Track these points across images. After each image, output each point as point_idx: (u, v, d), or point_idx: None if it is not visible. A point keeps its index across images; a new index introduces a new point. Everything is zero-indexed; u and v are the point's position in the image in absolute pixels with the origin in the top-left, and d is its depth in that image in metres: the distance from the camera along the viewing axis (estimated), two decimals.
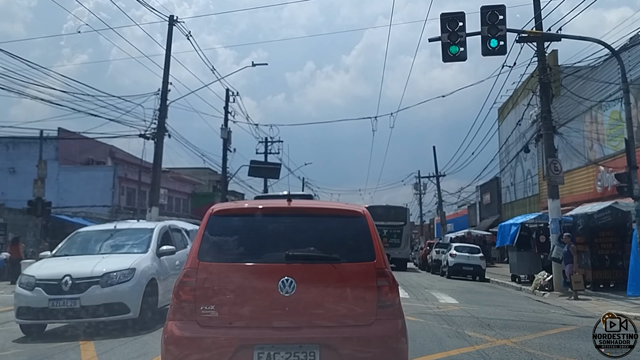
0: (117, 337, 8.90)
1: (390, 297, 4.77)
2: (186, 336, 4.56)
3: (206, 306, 4.59)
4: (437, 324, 10.31)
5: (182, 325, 4.61)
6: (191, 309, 4.63)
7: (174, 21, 25.31)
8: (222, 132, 33.39)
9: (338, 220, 5.25)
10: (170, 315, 4.74)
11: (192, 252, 4.92)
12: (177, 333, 4.59)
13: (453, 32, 14.36)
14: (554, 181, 19.42)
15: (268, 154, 41.58)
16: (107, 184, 36.18)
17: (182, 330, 4.58)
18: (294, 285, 4.61)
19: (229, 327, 4.60)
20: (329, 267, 4.83)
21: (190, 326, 4.59)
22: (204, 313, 4.58)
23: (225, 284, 4.73)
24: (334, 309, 4.74)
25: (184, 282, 4.75)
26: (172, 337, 4.60)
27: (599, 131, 24.40)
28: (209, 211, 5.22)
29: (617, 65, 20.46)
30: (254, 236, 5.06)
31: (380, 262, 4.88)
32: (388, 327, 4.69)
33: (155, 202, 24.20)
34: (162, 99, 24.30)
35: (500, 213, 42.65)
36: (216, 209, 5.26)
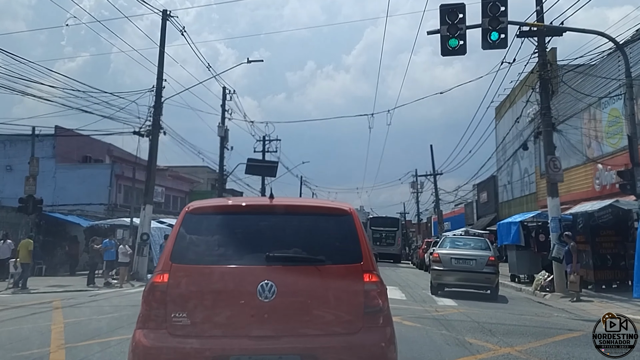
0: None
1: (378, 302, 4.44)
2: (155, 346, 4.21)
3: (178, 313, 4.24)
4: (435, 329, 9.88)
5: (151, 333, 4.26)
6: (161, 316, 4.27)
7: (168, 16, 24.91)
8: (219, 130, 33.11)
9: (323, 219, 4.87)
10: (138, 322, 4.38)
11: (164, 254, 4.56)
12: (145, 342, 4.23)
13: (452, 25, 13.97)
14: (553, 179, 19.07)
15: (266, 152, 41.26)
16: (104, 182, 35.79)
17: (151, 340, 4.23)
18: (274, 290, 4.27)
19: (202, 336, 4.26)
20: (312, 270, 4.46)
21: (160, 335, 4.23)
22: (175, 321, 4.23)
23: (199, 289, 4.38)
24: (318, 315, 4.38)
25: (154, 286, 4.38)
26: (140, 346, 4.24)
27: (597, 129, 24.08)
28: (185, 209, 4.86)
29: (617, 63, 20.24)
30: (232, 236, 4.68)
31: (367, 264, 4.53)
32: (376, 335, 4.37)
33: (149, 200, 23.81)
34: (156, 96, 23.95)
35: (497, 212, 42.42)
36: (192, 206, 4.88)
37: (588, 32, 17.58)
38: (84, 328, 10.21)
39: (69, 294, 17.94)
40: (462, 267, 16.62)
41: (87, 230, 29.03)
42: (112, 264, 22.79)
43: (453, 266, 16.68)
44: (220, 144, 32.59)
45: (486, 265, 16.42)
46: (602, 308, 14.52)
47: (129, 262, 22.14)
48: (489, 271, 16.38)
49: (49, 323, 10.75)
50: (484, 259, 16.57)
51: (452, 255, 16.96)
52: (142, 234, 22.83)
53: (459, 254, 17.06)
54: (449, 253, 17.25)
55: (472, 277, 16.54)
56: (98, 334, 9.34)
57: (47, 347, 8.27)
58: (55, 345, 8.40)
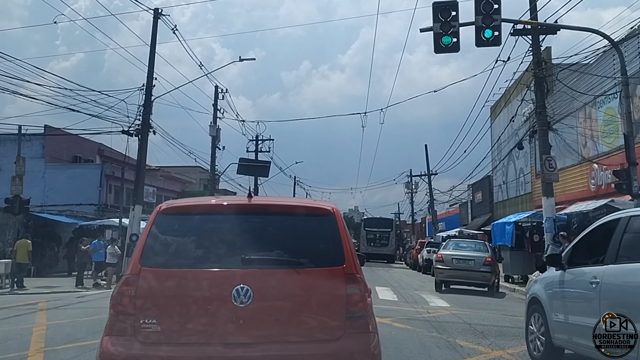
0: None
1: (361, 307, 4.18)
2: (122, 354, 3.96)
3: (148, 319, 3.99)
4: (426, 331, 9.62)
5: (119, 341, 4.01)
6: (130, 322, 4.01)
7: (159, 14, 24.64)
8: (210, 130, 32.83)
9: (304, 219, 4.59)
10: (106, 329, 4.12)
11: (134, 256, 4.28)
12: (112, 351, 3.98)
13: (445, 22, 13.81)
14: (548, 179, 18.87)
15: (259, 152, 41.00)
16: (94, 182, 35.42)
17: (119, 348, 3.98)
18: (249, 294, 4.02)
19: (173, 343, 4.01)
20: (291, 273, 4.20)
21: (129, 343, 3.99)
22: (144, 327, 3.98)
23: (170, 294, 4.12)
24: (297, 321, 4.12)
25: (122, 291, 4.12)
26: (107, 354, 3.99)
27: (592, 128, 23.89)
28: (157, 209, 4.58)
29: (612, 61, 20.05)
30: (207, 238, 4.41)
31: (350, 267, 4.25)
32: (358, 341, 4.13)
33: (139, 200, 23.48)
34: (146, 94, 23.64)
35: (492, 212, 42.22)
36: (164, 206, 4.61)
37: (582, 30, 17.46)
38: (66, 331, 9.97)
39: (56, 295, 17.72)
40: (462, 267, 18.68)
41: (76, 231, 28.72)
42: (101, 265, 22.51)
43: (454, 265, 18.73)
44: (212, 144, 32.30)
45: (483, 265, 18.45)
46: None
47: (117, 263, 21.84)
48: (485, 270, 18.36)
49: (31, 325, 10.53)
50: (481, 259, 18.64)
51: (453, 256, 19.04)
52: (132, 234, 22.50)
53: (459, 255, 19.21)
54: (451, 254, 19.31)
55: (470, 276, 18.54)
56: (79, 337, 9.08)
57: (26, 350, 8.05)
58: (35, 348, 8.17)
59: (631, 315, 5.28)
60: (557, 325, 7.00)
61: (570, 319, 6.75)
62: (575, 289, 6.87)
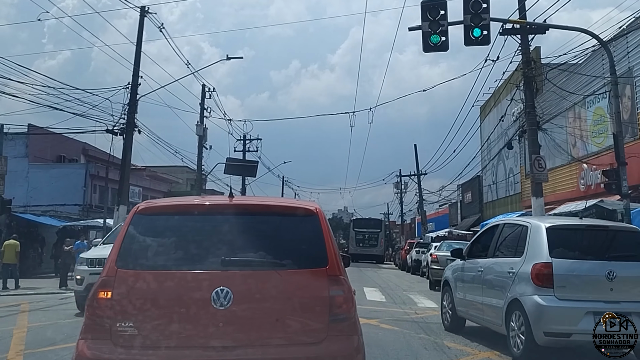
0: None
1: (344, 309, 4.09)
2: (98, 358, 3.85)
3: (124, 322, 3.91)
4: (414, 332, 9.47)
5: (95, 344, 3.90)
6: (106, 325, 3.90)
7: (146, 12, 24.38)
8: (197, 129, 32.55)
9: (286, 219, 4.48)
10: (82, 332, 4.01)
11: (110, 258, 4.14)
12: (87, 354, 3.87)
13: (434, 21, 13.64)
14: (538, 178, 18.76)
15: (246, 152, 40.75)
16: (79, 182, 35.02)
17: (94, 351, 3.87)
18: (230, 297, 3.91)
19: (150, 347, 3.88)
20: (272, 275, 4.10)
21: (105, 346, 3.87)
22: (121, 331, 3.89)
23: (147, 296, 3.99)
24: (278, 324, 4.00)
25: (98, 293, 4.00)
26: (82, 358, 3.89)
27: (582, 128, 23.86)
28: (134, 209, 4.44)
29: (601, 61, 20.01)
30: (186, 239, 4.30)
31: (333, 268, 4.15)
32: (341, 344, 4.06)
33: (124, 200, 23.15)
34: (132, 93, 23.35)
35: (481, 212, 42.18)
36: (142, 206, 4.47)
37: (571, 29, 17.35)
38: (47, 333, 9.82)
39: (39, 296, 17.52)
40: None
41: (60, 232, 28.34)
42: None
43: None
44: (199, 143, 32.01)
45: None
46: None
47: None
48: None
49: (12, 327, 10.39)
50: None
51: (447, 257, 18.89)
52: None
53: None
54: (445, 255, 19.67)
55: None
56: (59, 339, 8.95)
57: (5, 353, 7.95)
58: (14, 351, 8.06)
59: (496, 293, 8.30)
60: (459, 301, 9.73)
61: (467, 296, 9.42)
62: (469, 274, 9.54)
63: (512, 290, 7.83)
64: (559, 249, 7.66)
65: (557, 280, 7.37)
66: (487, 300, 8.59)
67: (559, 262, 7.47)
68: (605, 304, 7.15)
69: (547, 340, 7.27)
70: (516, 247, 8.33)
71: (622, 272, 7.42)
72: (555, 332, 7.26)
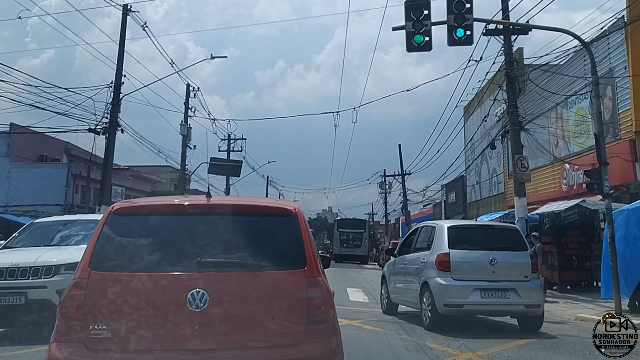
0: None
1: (322, 311, 4.05)
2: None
3: (97, 325, 3.84)
4: (396, 333, 9.41)
5: (67, 348, 3.82)
6: (79, 328, 3.83)
7: (128, 11, 24.13)
8: (181, 129, 32.31)
9: (264, 220, 4.43)
10: (54, 335, 3.92)
11: (83, 260, 4.05)
12: (59, 358, 3.79)
13: (418, 21, 13.63)
14: (520, 178, 18.81)
15: (231, 151, 40.53)
16: (61, 182, 34.56)
17: (67, 355, 3.79)
18: (205, 299, 3.86)
19: (125, 350, 3.81)
20: (249, 276, 4.03)
21: (77, 350, 3.80)
22: (94, 334, 3.82)
23: (121, 298, 3.91)
24: (255, 326, 3.95)
25: (71, 295, 3.92)
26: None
27: (564, 128, 23.98)
28: (109, 209, 4.36)
29: (582, 62, 20.12)
30: (162, 240, 4.22)
31: (312, 270, 4.11)
32: (320, 346, 4.02)
33: (105, 200, 22.81)
34: (115, 92, 23.05)
35: (465, 212, 42.26)
36: (117, 206, 4.39)
37: (553, 30, 17.46)
38: (22, 335, 9.52)
39: None
40: None
41: None
42: None
43: None
44: (183, 143, 31.77)
45: None
46: (566, 309, 14.27)
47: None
48: None
49: None
50: None
51: None
52: None
53: None
54: None
55: None
56: (33, 341, 8.65)
57: None
58: None
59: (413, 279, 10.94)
60: (392, 289, 12.30)
61: (396, 285, 12.09)
62: (397, 267, 12.25)
63: (423, 275, 10.41)
64: (456, 242, 10.30)
65: (453, 265, 9.98)
66: (408, 285, 11.31)
67: (455, 252, 10.10)
68: (488, 282, 9.96)
69: (446, 310, 9.85)
70: (428, 243, 10.96)
71: (501, 259, 10.14)
72: (452, 304, 9.86)
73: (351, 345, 8.15)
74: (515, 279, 10.14)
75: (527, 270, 10.30)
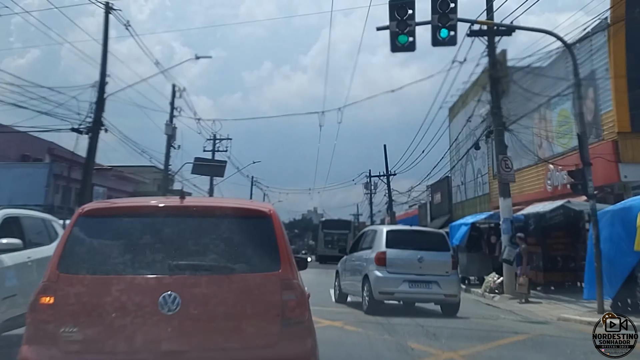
0: None
1: (297, 314, 4.05)
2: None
3: (69, 328, 3.79)
4: (377, 334, 9.29)
5: (39, 350, 3.80)
6: (50, 331, 3.78)
7: (110, 9, 23.85)
8: (166, 129, 32.00)
9: (239, 221, 4.38)
10: (25, 337, 3.90)
11: (52, 262, 4.02)
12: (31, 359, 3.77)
13: (402, 21, 13.59)
14: (505, 179, 18.84)
15: (216, 152, 40.27)
16: (41, 182, 33.94)
17: (38, 357, 3.77)
18: (178, 302, 3.82)
19: (96, 353, 3.80)
20: (222, 279, 4.01)
21: (50, 352, 3.77)
22: (65, 336, 3.78)
23: (92, 301, 3.87)
24: (229, 329, 3.93)
25: (39, 299, 3.89)
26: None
27: (548, 129, 24.05)
28: (78, 211, 4.32)
29: (565, 64, 20.14)
30: (133, 242, 4.16)
31: (287, 272, 4.10)
32: (294, 348, 4.02)
33: (86, 201, 22.46)
34: (99, 92, 22.75)
35: (450, 212, 42.27)
36: (87, 208, 4.34)
37: (537, 31, 17.55)
38: None
39: None
40: None
41: None
42: None
43: None
44: (167, 143, 31.44)
45: None
46: (549, 309, 14.28)
47: None
48: None
49: None
50: None
51: None
52: None
53: None
54: None
55: None
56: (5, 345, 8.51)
57: None
58: None
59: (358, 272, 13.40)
60: (342, 282, 14.79)
61: (346, 278, 14.51)
62: (347, 263, 14.83)
63: (365, 269, 12.76)
64: (392, 243, 12.59)
65: (389, 261, 12.34)
66: (354, 277, 13.70)
67: (390, 251, 12.45)
68: (416, 275, 12.33)
69: (380, 296, 12.34)
70: (370, 244, 13.25)
71: (427, 257, 12.50)
72: (385, 292, 12.34)
73: (333, 347, 8.04)
74: (438, 273, 12.42)
75: (448, 267, 12.64)
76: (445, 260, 12.69)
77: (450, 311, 12.53)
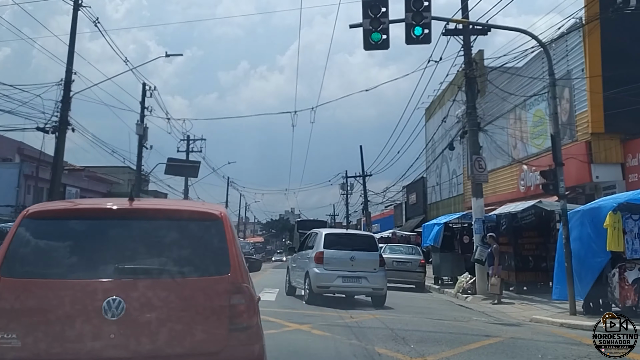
0: None
1: (245, 318, 3.98)
2: None
3: (7, 334, 3.66)
4: (345, 338, 9.01)
5: None
6: None
7: (79, 5, 23.34)
8: (137, 129, 31.58)
9: (188, 224, 4.27)
10: None
11: None
12: None
13: (375, 19, 13.40)
14: (477, 179, 18.76)
15: (190, 152, 39.82)
16: (12, 182, 33.24)
17: None
18: (122, 306, 3.73)
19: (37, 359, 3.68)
20: (169, 283, 3.90)
21: None
22: (3, 343, 3.65)
23: (33, 306, 3.76)
24: (174, 334, 3.81)
25: None
26: None
27: (522, 130, 24.06)
28: (23, 212, 4.17)
29: (541, 64, 20.14)
30: (79, 245, 4.04)
31: (236, 276, 4.01)
32: (241, 354, 3.94)
33: None
34: (65, 90, 22.21)
35: (425, 213, 42.34)
36: (32, 210, 4.20)
37: (512, 30, 17.60)
38: None
39: None
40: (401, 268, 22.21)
41: None
42: None
43: (395, 267, 21.62)
44: (139, 143, 30.99)
45: (418, 266, 22.46)
46: (522, 310, 14.19)
47: None
48: (420, 271, 22.45)
49: None
50: (417, 261, 22.64)
51: (393, 259, 21.94)
52: None
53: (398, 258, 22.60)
54: (390, 257, 21.56)
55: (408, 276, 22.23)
56: None
57: None
58: None
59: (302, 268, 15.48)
60: (291, 276, 16.64)
61: (294, 273, 16.34)
62: (295, 260, 16.88)
63: (307, 266, 14.69)
64: (329, 244, 14.58)
65: (325, 260, 14.21)
66: (299, 273, 15.51)
67: (327, 251, 14.38)
68: (348, 272, 14.24)
69: (318, 290, 14.19)
70: (313, 244, 15.15)
71: (358, 256, 14.41)
72: (322, 286, 14.21)
73: (297, 352, 7.82)
74: (367, 270, 14.39)
75: (376, 264, 14.55)
76: (374, 259, 14.68)
77: (378, 302, 14.60)
